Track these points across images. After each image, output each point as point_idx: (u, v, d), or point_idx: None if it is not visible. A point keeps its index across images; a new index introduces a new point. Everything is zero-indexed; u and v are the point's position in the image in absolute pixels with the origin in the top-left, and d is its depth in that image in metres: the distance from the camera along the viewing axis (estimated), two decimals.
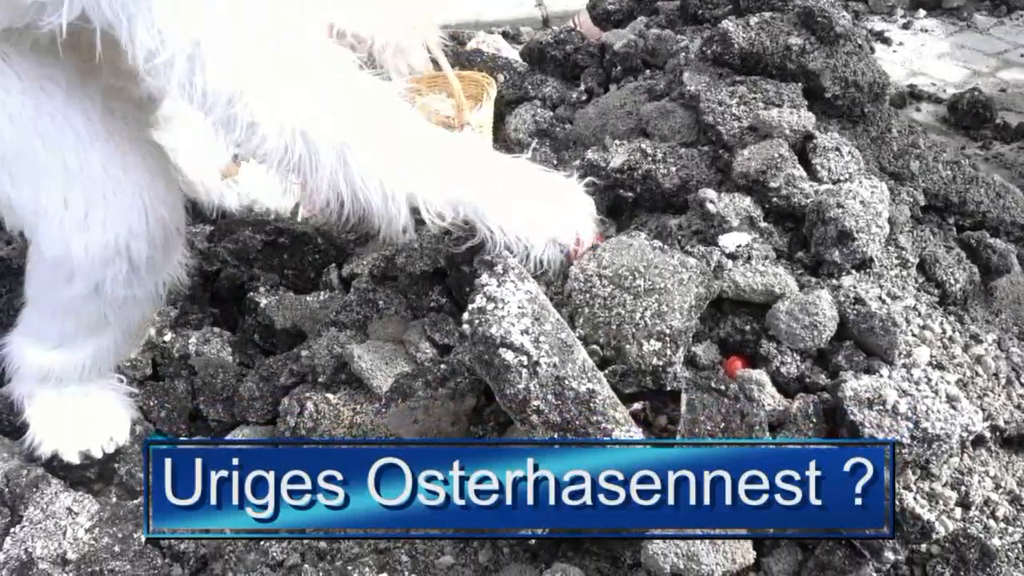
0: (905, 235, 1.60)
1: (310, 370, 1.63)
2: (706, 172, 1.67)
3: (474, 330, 1.25)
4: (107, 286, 1.46)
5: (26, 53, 1.38)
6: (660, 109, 1.83)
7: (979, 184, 1.79)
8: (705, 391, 1.31)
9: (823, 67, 1.75)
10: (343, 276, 1.92)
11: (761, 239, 1.51)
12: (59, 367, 1.61)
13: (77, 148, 1.39)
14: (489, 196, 1.34)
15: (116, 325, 1.57)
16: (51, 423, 1.63)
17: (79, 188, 1.40)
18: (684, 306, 1.36)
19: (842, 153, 1.61)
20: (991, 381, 1.45)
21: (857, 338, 1.41)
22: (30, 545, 1.42)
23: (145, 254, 1.45)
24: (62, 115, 1.39)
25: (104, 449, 1.63)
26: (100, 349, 1.61)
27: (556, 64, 2.34)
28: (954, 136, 2.81)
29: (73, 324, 1.55)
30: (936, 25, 3.52)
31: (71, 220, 1.40)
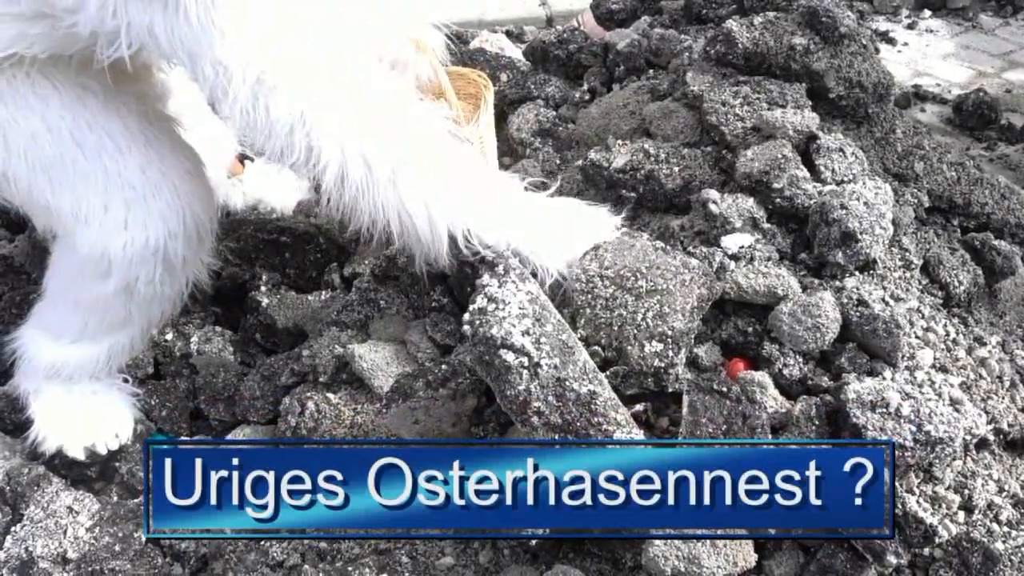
0: (909, 236, 1.59)
1: (311, 370, 1.62)
2: (709, 173, 1.67)
3: (475, 331, 1.25)
4: (140, 284, 1.49)
5: (62, 65, 1.41)
6: (663, 109, 1.83)
7: (984, 185, 1.78)
8: (707, 393, 1.30)
9: (827, 67, 1.74)
10: (345, 275, 1.92)
11: (764, 240, 1.51)
12: (73, 362, 1.61)
13: (116, 154, 1.43)
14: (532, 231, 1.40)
15: (138, 323, 1.59)
16: (56, 419, 1.63)
17: (119, 193, 1.43)
18: (686, 307, 1.36)
19: (846, 154, 1.60)
20: (995, 384, 1.44)
21: (860, 340, 1.40)
22: (31, 544, 1.42)
23: (181, 253, 1.49)
24: (100, 123, 1.43)
25: (108, 446, 1.63)
26: (116, 346, 1.62)
27: (559, 63, 2.34)
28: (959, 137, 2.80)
29: (97, 320, 1.57)
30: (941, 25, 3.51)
31: (111, 223, 1.44)
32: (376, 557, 1.36)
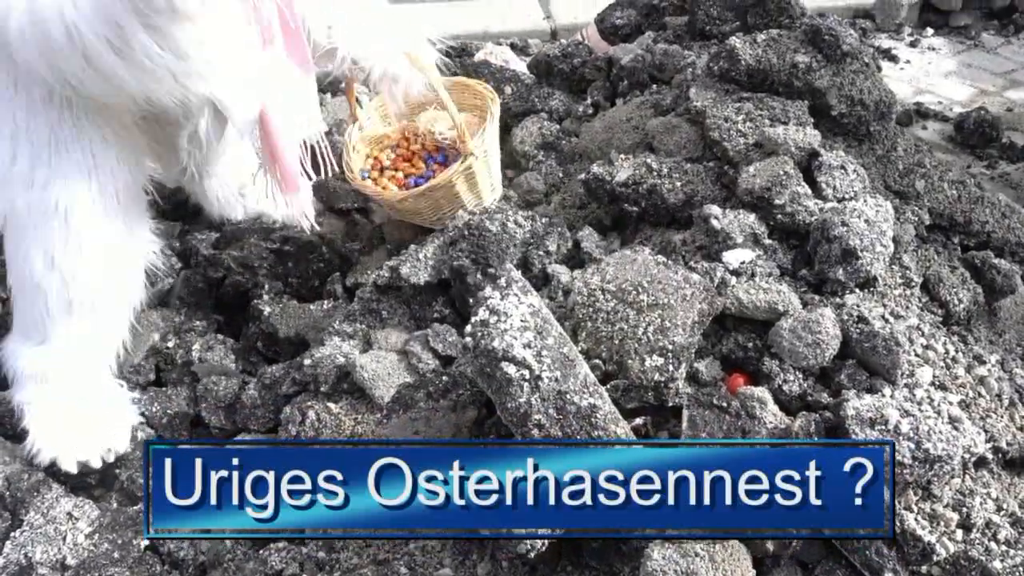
0: (909, 254, 1.60)
1: (312, 379, 1.63)
2: (711, 188, 1.67)
3: (476, 343, 1.25)
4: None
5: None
6: (666, 124, 1.84)
7: (984, 204, 1.78)
8: (707, 408, 1.31)
9: (829, 85, 1.76)
10: (347, 285, 1.93)
11: (765, 256, 1.51)
12: (51, 366, 1.62)
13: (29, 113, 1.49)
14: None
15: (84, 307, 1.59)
16: (50, 431, 1.62)
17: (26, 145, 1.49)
18: (687, 322, 1.36)
19: (847, 171, 1.61)
20: (994, 403, 1.44)
21: (860, 357, 1.40)
22: (30, 550, 1.42)
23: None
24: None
25: (105, 459, 1.62)
26: (83, 340, 1.62)
27: (563, 77, 2.35)
28: (960, 155, 2.80)
29: (43, 306, 1.58)
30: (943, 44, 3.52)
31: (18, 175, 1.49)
32: (375, 567, 1.36)
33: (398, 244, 1.96)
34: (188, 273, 1.99)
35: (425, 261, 1.72)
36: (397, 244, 1.97)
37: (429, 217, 1.91)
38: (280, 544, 1.41)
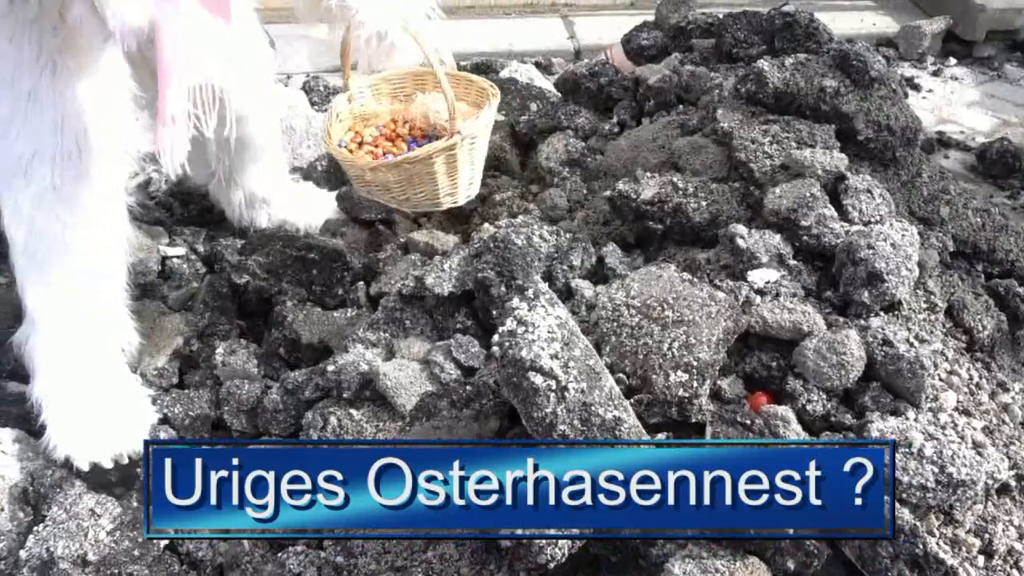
0: (934, 279, 1.60)
1: (335, 385, 1.64)
2: (736, 208, 1.68)
3: (504, 352, 1.26)
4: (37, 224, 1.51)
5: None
6: (692, 144, 1.85)
7: (1008, 233, 1.79)
8: (730, 425, 1.31)
9: (856, 110, 1.77)
10: (371, 294, 1.94)
11: (790, 277, 1.52)
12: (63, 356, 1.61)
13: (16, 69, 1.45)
14: None
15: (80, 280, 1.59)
16: (66, 427, 1.62)
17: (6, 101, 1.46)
18: (712, 339, 1.37)
19: (873, 195, 1.62)
20: (1017, 430, 1.44)
21: (884, 379, 1.41)
22: (52, 544, 1.43)
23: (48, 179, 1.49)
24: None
25: (117, 461, 1.62)
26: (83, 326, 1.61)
27: (589, 95, 2.37)
28: (982, 184, 2.80)
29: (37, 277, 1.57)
30: (966, 73, 3.53)
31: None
32: (392, 574, 1.36)
33: (421, 255, 1.98)
34: (213, 278, 2.01)
35: (449, 272, 1.73)
36: (420, 255, 1.98)
37: (397, 195, 1.83)
38: (298, 547, 1.41)
